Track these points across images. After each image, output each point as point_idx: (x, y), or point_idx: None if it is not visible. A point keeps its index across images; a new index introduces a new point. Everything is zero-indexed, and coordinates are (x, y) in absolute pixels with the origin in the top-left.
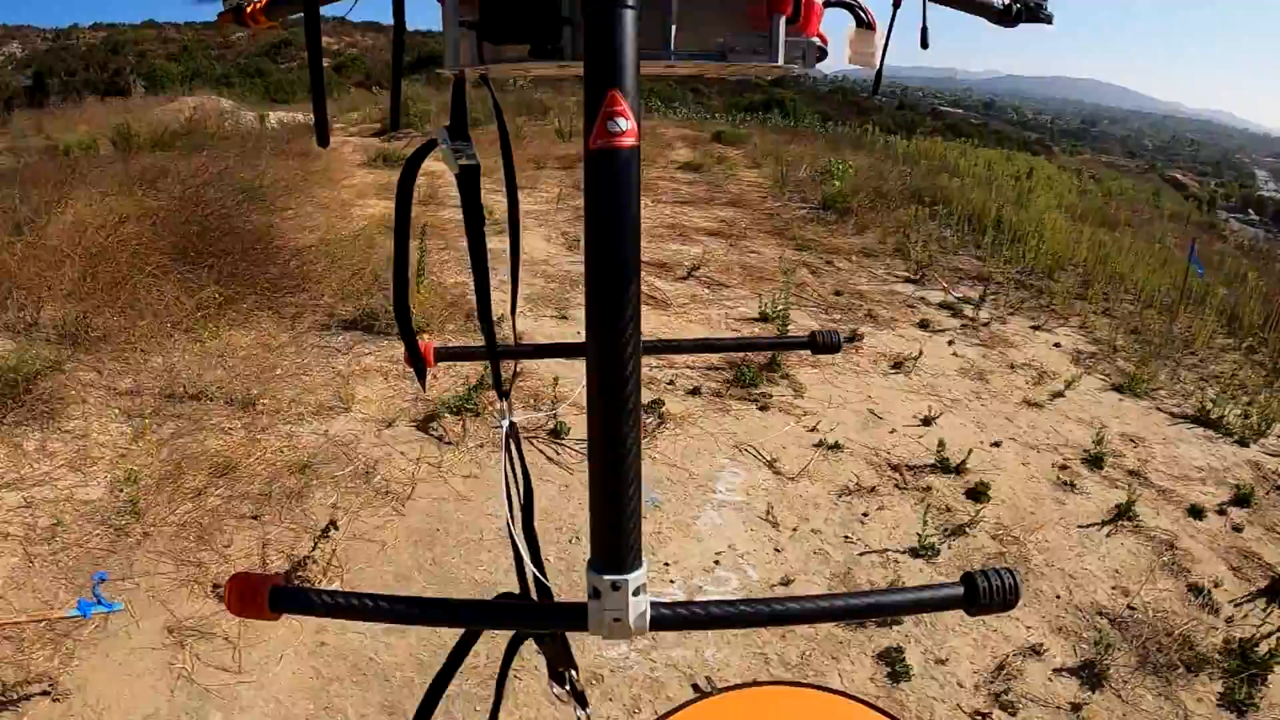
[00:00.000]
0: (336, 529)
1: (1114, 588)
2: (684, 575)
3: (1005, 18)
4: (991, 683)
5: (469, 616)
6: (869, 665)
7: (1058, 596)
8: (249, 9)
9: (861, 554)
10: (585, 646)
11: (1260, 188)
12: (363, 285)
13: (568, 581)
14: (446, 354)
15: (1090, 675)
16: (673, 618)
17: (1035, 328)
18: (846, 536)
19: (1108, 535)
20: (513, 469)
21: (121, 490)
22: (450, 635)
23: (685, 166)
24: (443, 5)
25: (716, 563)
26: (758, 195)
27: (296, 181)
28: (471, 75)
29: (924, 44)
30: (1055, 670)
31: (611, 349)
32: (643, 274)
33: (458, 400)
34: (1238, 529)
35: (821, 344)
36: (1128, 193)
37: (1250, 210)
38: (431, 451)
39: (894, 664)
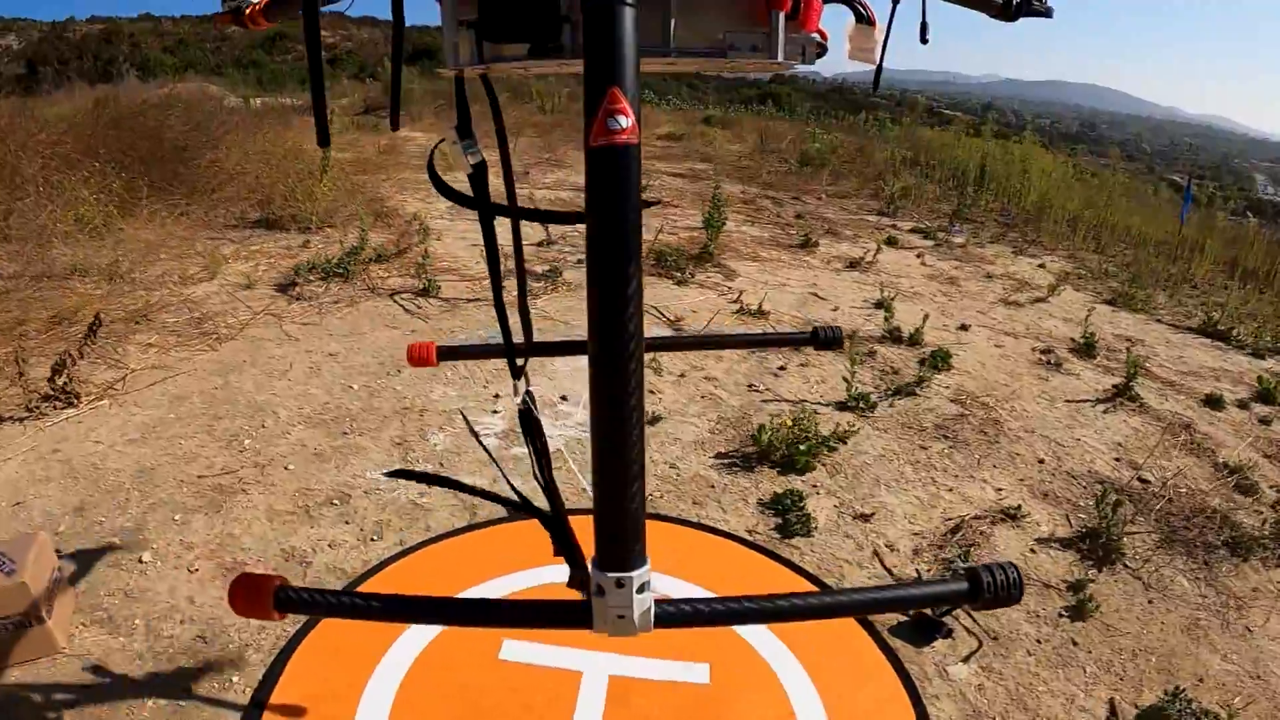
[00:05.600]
0: (100, 324)
1: (1117, 459)
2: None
3: (1005, 12)
4: (940, 548)
5: (478, 616)
6: (749, 515)
7: (1040, 461)
8: (248, 11)
9: (767, 401)
10: (346, 463)
11: (1259, 191)
12: (276, 193)
13: (366, 405)
14: (449, 353)
15: (1092, 549)
16: (677, 614)
17: (1018, 253)
18: (751, 385)
19: (1104, 412)
20: (532, 439)
21: None
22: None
23: (667, 136)
24: (441, 5)
25: (563, 398)
26: (734, 157)
27: (253, 126)
28: (471, 75)
29: (924, 39)
30: (1040, 540)
31: (613, 348)
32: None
33: (327, 264)
34: (1265, 421)
35: (824, 338)
36: (1125, 184)
37: (1250, 214)
38: (281, 306)
39: (785, 513)
